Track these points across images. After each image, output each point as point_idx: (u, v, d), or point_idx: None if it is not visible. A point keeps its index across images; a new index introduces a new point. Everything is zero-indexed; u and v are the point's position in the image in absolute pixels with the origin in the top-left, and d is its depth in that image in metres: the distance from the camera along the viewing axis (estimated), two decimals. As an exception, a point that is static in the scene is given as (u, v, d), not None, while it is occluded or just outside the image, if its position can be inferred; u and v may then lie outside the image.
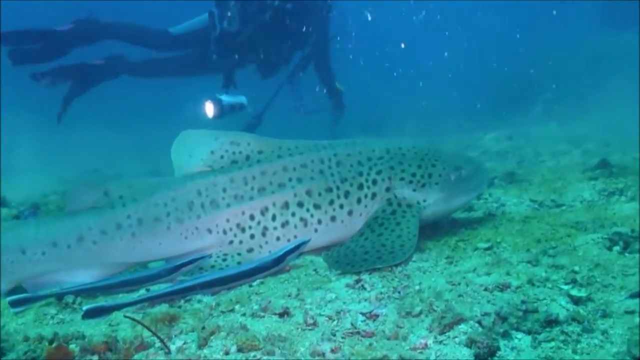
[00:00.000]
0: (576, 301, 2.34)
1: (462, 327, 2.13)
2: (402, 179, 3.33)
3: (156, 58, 8.98)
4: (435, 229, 3.57)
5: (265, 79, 9.14)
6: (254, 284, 2.87)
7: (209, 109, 7.95)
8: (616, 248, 2.98)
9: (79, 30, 8.52)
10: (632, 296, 2.31)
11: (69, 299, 2.83)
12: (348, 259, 2.94)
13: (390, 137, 8.42)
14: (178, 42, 8.76)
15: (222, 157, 3.34)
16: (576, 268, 2.70)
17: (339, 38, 9.59)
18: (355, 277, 2.74)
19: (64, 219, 3.19)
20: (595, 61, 14.32)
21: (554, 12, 17.18)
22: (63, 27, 8.45)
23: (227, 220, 3.20)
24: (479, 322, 2.16)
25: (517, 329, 2.12)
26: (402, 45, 17.30)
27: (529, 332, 2.10)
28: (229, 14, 8.29)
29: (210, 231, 3.20)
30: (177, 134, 3.41)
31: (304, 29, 8.61)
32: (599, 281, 2.54)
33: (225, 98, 8.09)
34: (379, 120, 14.12)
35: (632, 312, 2.19)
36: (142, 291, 2.93)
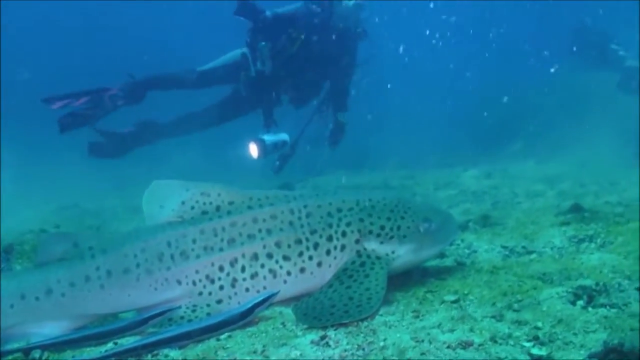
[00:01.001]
0: (537, 360, 2.37)
1: (422, 389, 2.15)
2: (371, 231, 3.37)
3: (187, 113, 9.18)
4: (405, 279, 3.59)
5: (298, 109, 9.34)
6: (222, 337, 2.87)
7: (253, 149, 8.10)
8: (580, 302, 3.01)
9: (126, 91, 8.78)
10: (591, 357, 2.34)
11: (36, 354, 2.82)
12: (316, 312, 2.96)
13: (361, 188, 8.52)
14: (203, 78, 8.96)
15: (192, 207, 3.37)
16: (539, 324, 2.73)
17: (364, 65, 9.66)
18: (321, 333, 2.75)
19: (33, 271, 3.19)
20: (571, 99, 14.54)
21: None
22: (110, 89, 8.68)
23: (197, 272, 3.22)
24: (439, 384, 2.18)
25: (476, 391, 2.15)
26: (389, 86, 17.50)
27: (486, 395, 2.13)
28: (262, 54, 8.47)
29: (179, 282, 3.21)
30: (150, 183, 3.44)
31: (333, 58, 8.79)
32: (560, 338, 2.57)
33: (268, 137, 8.26)
34: (363, 153, 14.28)
35: (589, 374, 2.22)
36: (110, 344, 2.92)
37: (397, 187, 9.71)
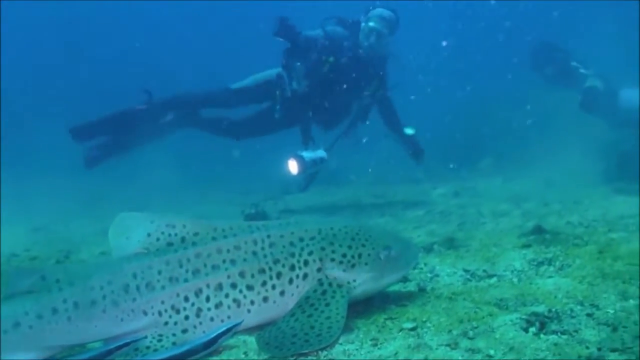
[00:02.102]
0: (487, 389, 2.46)
1: (375, 420, 2.24)
2: (332, 259, 3.46)
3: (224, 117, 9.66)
4: (367, 305, 3.67)
5: (327, 130, 9.55)
6: (186, 367, 2.94)
7: (292, 166, 8.21)
8: (532, 329, 3.11)
9: (152, 111, 9.21)
10: (537, 385, 2.44)
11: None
12: (277, 341, 3.04)
13: (323, 217, 8.63)
14: (238, 96, 9.35)
15: (158, 239, 3.43)
16: (491, 352, 2.83)
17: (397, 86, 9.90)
18: (281, 364, 2.83)
19: (0, 305, 3.22)
20: (539, 116, 14.79)
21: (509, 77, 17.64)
22: (138, 106, 9.18)
23: (162, 302, 3.27)
24: (392, 414, 2.27)
25: (428, 421, 2.23)
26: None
27: None
28: (297, 74, 8.73)
29: (145, 313, 3.26)
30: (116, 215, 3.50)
31: (360, 80, 9.10)
32: (511, 367, 2.68)
33: (307, 154, 8.43)
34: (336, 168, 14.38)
35: (535, 403, 2.32)
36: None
37: (368, 206, 9.80)
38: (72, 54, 32.41)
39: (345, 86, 8.96)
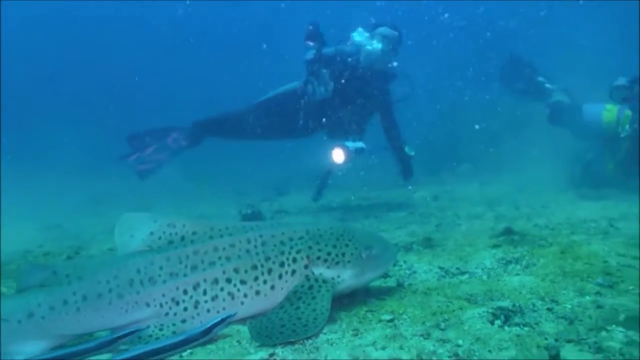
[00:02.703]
0: (454, 375, 2.55)
1: (353, 402, 2.32)
2: (318, 257, 3.54)
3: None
4: (350, 299, 3.74)
5: (333, 140, 9.46)
6: (185, 354, 3.01)
7: (338, 155, 8.50)
8: (497, 322, 3.20)
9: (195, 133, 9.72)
10: (499, 372, 2.53)
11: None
12: (267, 330, 3.12)
13: (312, 219, 8.78)
14: (260, 107, 9.55)
15: (160, 237, 3.50)
16: (460, 342, 2.92)
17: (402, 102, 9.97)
18: (271, 351, 2.90)
19: (15, 297, 3.28)
20: (514, 124, 14.89)
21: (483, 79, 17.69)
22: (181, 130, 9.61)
23: (163, 295, 3.34)
24: (368, 397, 2.35)
25: (400, 403, 2.32)
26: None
27: (408, 407, 2.30)
28: (325, 80, 9.01)
29: (148, 305, 3.33)
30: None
31: (364, 96, 9.25)
32: (477, 355, 2.75)
33: (350, 144, 8.62)
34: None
35: (496, 388, 2.41)
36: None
37: (354, 208, 9.88)
38: (75, 51, 32.23)
39: (360, 96, 9.16)
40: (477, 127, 14.12)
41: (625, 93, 8.87)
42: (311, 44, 8.95)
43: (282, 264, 3.50)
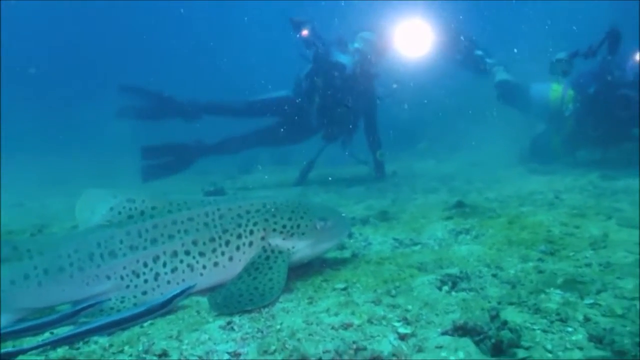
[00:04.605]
0: (402, 337, 2.60)
1: (305, 364, 2.37)
2: (274, 229, 3.57)
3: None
4: (306, 269, 3.79)
5: (329, 143, 10.00)
6: (146, 324, 3.02)
7: None
8: (445, 288, 3.29)
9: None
10: (444, 333, 2.61)
11: (-23, 345, 2.89)
12: (226, 300, 3.14)
13: (268, 192, 8.94)
14: (252, 107, 9.93)
15: (120, 212, 3.48)
16: (409, 307, 2.98)
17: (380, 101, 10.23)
18: (228, 319, 2.93)
19: None
20: (469, 103, 15.02)
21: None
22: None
23: (124, 268, 3.34)
24: (320, 359, 2.40)
25: (350, 364, 2.37)
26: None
27: (357, 367, 2.36)
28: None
29: (109, 277, 3.32)
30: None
31: (354, 97, 9.50)
32: (424, 319, 2.82)
33: None
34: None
35: (440, 347, 2.48)
36: (47, 334, 3.01)
37: (315, 183, 9.91)
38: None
39: (350, 100, 9.47)
40: (425, 101, 14.18)
41: (565, 66, 9.05)
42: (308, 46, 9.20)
43: (239, 236, 3.52)
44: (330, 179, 10.84)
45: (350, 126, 9.81)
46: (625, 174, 7.55)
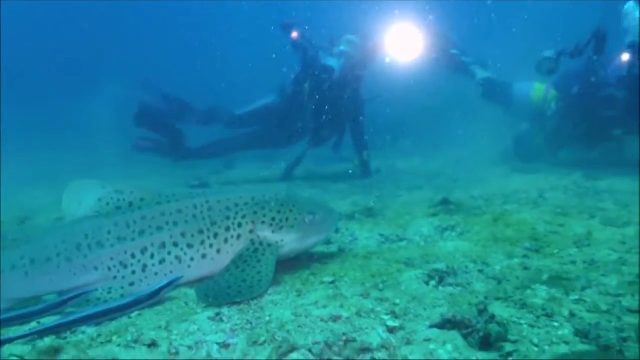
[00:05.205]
0: (391, 330, 2.62)
1: (295, 355, 2.36)
2: (263, 222, 3.56)
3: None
4: (294, 263, 3.79)
5: (316, 148, 10.05)
6: (133, 315, 3.00)
7: None
8: (432, 282, 3.31)
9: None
10: (432, 326, 2.63)
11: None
12: (214, 292, 3.13)
13: (257, 185, 8.99)
14: (239, 120, 10.01)
15: (108, 204, 3.46)
16: (397, 301, 3.00)
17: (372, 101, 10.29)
18: (217, 310, 2.93)
19: None
20: (454, 101, 15.07)
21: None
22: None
23: (112, 259, 3.32)
24: (310, 350, 2.40)
25: (339, 356, 2.37)
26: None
27: (346, 359, 2.36)
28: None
29: (96, 268, 3.30)
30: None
31: (342, 100, 9.55)
32: (412, 312, 2.84)
33: None
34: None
35: (428, 340, 2.49)
36: (34, 324, 2.99)
37: (300, 179, 9.89)
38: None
39: (338, 104, 9.56)
40: (409, 100, 14.22)
41: (552, 65, 9.11)
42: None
43: (228, 229, 3.52)
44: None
45: (340, 130, 9.90)
46: (609, 173, 7.62)
